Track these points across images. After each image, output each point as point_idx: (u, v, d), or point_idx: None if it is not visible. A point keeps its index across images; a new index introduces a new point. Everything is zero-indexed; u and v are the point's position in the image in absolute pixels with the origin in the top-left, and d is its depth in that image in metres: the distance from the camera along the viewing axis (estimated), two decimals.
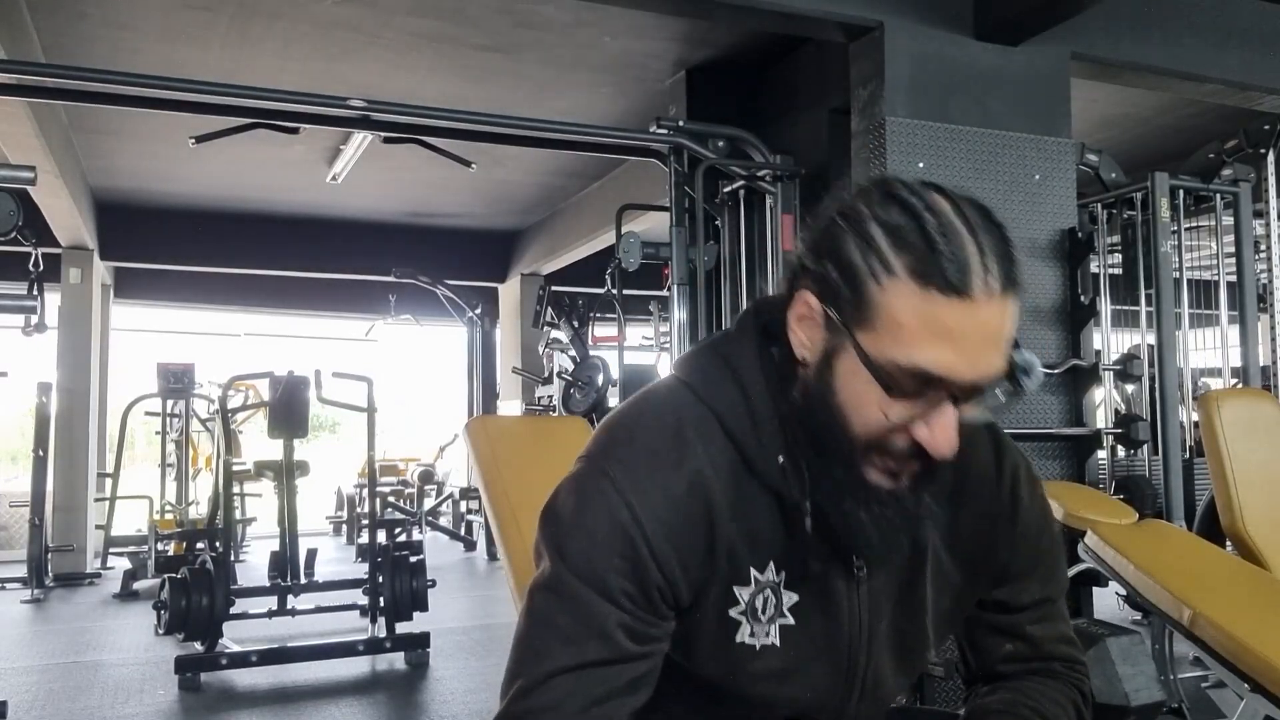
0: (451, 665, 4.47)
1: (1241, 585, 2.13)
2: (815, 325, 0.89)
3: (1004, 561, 1.04)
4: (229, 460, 5.24)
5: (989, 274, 0.83)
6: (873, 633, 0.97)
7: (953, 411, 0.86)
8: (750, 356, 0.96)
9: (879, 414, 0.86)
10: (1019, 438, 3.38)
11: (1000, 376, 0.86)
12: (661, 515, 0.90)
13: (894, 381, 0.84)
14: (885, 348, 0.84)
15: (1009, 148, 3.47)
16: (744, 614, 0.94)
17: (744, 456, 0.93)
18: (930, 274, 0.82)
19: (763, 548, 0.93)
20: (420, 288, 8.27)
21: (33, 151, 5.06)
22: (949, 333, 0.82)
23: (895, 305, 0.83)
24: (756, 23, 3.81)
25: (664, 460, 0.92)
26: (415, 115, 4.22)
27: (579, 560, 0.90)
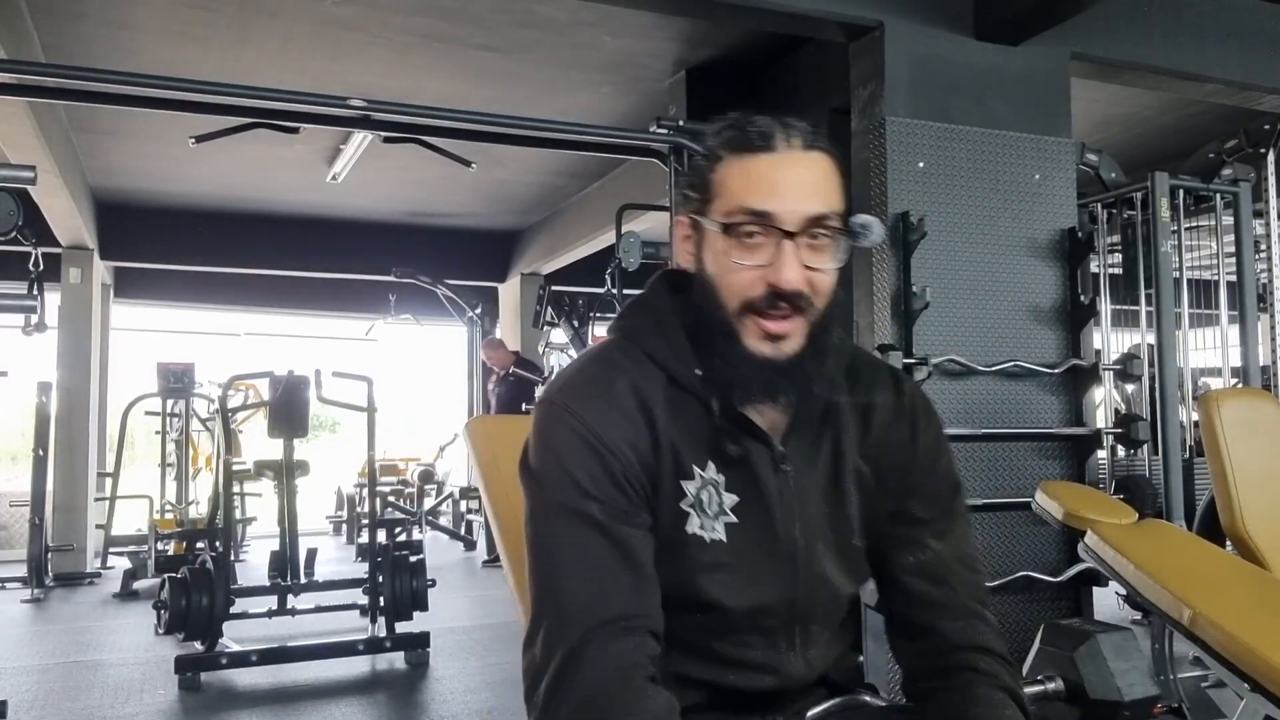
0: (451, 665, 4.47)
1: (1242, 585, 2.13)
2: (688, 234, 1.12)
3: (908, 476, 1.18)
4: (229, 460, 5.24)
5: (790, 136, 1.06)
6: (805, 520, 1.11)
7: (791, 248, 1.04)
8: (661, 301, 1.15)
9: (736, 270, 1.05)
10: (1019, 437, 3.38)
11: (828, 221, 1.05)
12: (608, 418, 1.06)
13: (732, 227, 1.04)
14: (722, 206, 1.06)
15: (1009, 147, 3.47)
16: (692, 506, 1.08)
17: (669, 374, 1.10)
18: (742, 143, 1.06)
19: (700, 447, 1.09)
20: (420, 287, 8.27)
21: (33, 151, 5.06)
22: (763, 177, 1.05)
23: (723, 175, 1.07)
24: (756, 22, 3.81)
25: (600, 381, 1.09)
26: (415, 115, 4.21)
27: (554, 478, 1.05)
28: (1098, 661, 1.23)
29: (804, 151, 1.07)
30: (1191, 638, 1.84)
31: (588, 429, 1.05)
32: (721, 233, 1.06)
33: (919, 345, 3.22)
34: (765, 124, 1.07)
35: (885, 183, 3.29)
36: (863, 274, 3.39)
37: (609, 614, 1.00)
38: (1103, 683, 1.22)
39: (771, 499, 1.10)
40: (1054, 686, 1.25)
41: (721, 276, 1.07)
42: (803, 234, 1.05)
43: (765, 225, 1.04)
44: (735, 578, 1.08)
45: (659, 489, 1.07)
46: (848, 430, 1.15)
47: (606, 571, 1.01)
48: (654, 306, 1.16)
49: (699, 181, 1.10)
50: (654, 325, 1.13)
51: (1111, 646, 1.23)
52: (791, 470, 1.11)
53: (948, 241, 3.33)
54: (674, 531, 1.07)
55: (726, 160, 1.07)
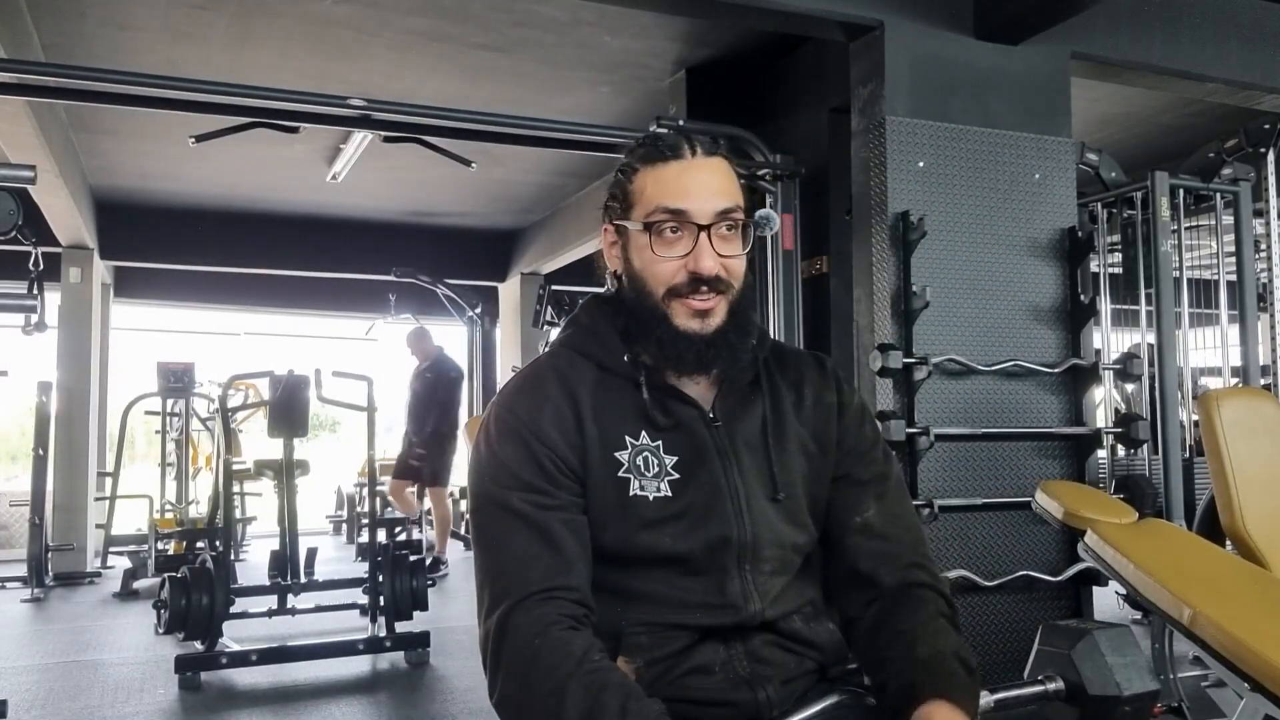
0: (451, 664, 4.48)
1: (1241, 584, 2.13)
2: (615, 240, 1.27)
3: (844, 440, 1.32)
4: (229, 459, 5.24)
5: (694, 145, 1.23)
6: (740, 466, 1.23)
7: (705, 239, 1.19)
8: (590, 312, 1.31)
9: (660, 261, 1.20)
10: (1019, 437, 3.38)
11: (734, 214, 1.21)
12: (536, 410, 1.20)
13: (652, 225, 1.20)
14: (643, 209, 1.22)
15: (1009, 147, 3.47)
16: (629, 472, 1.20)
17: (598, 363, 1.25)
18: (654, 155, 1.23)
19: (632, 420, 1.22)
20: (420, 287, 8.27)
21: (33, 151, 5.06)
22: (674, 181, 1.21)
23: (639, 184, 1.23)
24: (756, 22, 3.81)
25: (531, 383, 1.25)
26: (415, 114, 4.22)
27: (488, 469, 1.20)
28: (1096, 658, 1.23)
29: (707, 158, 1.23)
30: (1191, 637, 1.85)
31: (518, 420, 1.20)
32: (643, 232, 1.21)
33: (919, 345, 3.22)
34: (672, 137, 1.24)
35: (885, 182, 3.29)
36: (863, 274, 3.40)
37: (530, 588, 1.13)
38: (1102, 679, 1.22)
39: (707, 450, 1.23)
40: (1054, 686, 1.25)
41: (647, 269, 1.22)
42: (714, 226, 1.20)
43: (681, 221, 1.20)
44: (684, 524, 1.19)
45: (589, 465, 1.20)
46: (780, 399, 1.29)
47: (529, 553, 1.15)
48: (584, 318, 1.32)
49: (619, 192, 1.25)
50: (585, 330, 1.29)
51: (1109, 643, 1.24)
52: (722, 426, 1.25)
53: (948, 241, 3.33)
54: (619, 496, 1.19)
55: (641, 171, 1.23)
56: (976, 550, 3.28)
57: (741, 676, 1.18)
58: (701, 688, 1.17)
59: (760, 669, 1.19)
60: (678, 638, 1.19)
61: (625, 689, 1.07)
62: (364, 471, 7.09)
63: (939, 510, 3.13)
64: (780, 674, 1.20)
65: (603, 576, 1.19)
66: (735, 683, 1.18)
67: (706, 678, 1.18)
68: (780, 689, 1.19)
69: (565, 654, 1.09)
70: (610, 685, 1.06)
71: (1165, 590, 1.93)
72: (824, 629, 1.26)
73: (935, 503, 3.13)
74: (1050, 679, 1.25)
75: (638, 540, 1.19)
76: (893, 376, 3.18)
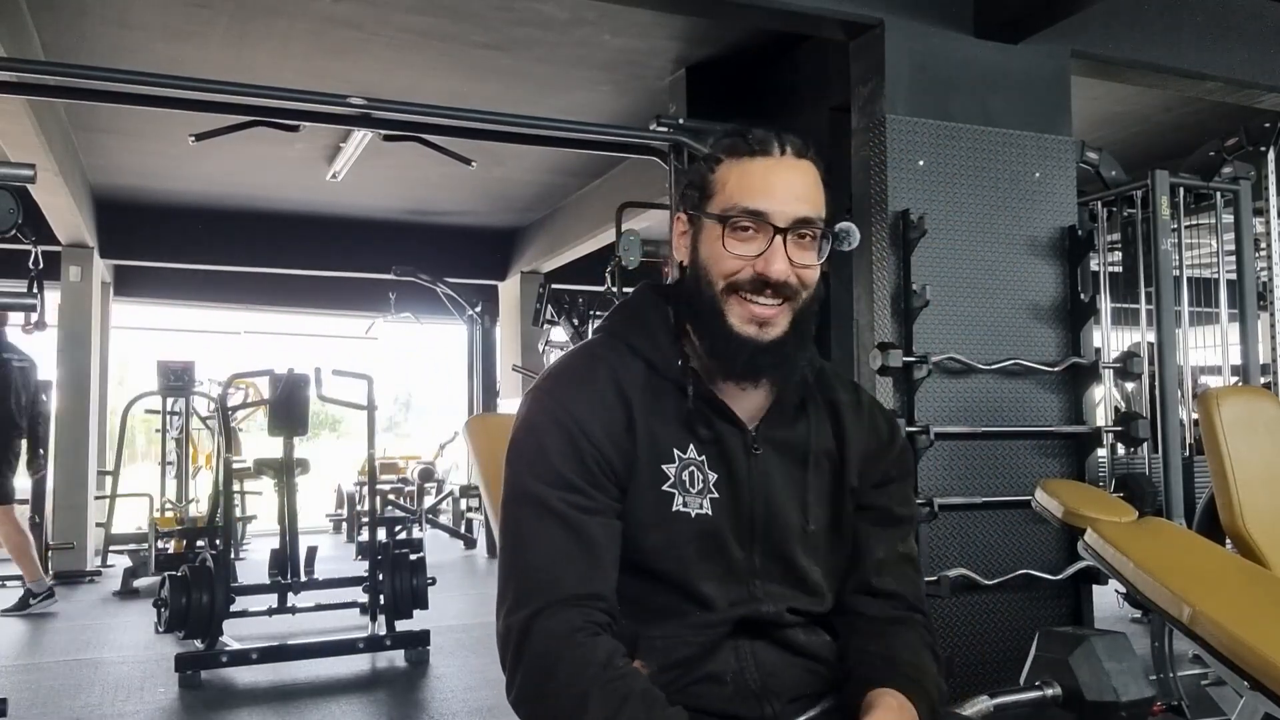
0: (451, 663, 4.48)
1: (1241, 583, 2.13)
2: (685, 230, 1.23)
3: (877, 465, 1.29)
4: (229, 458, 5.24)
5: (784, 144, 1.19)
6: (768, 501, 1.21)
7: (779, 243, 1.15)
8: (645, 303, 1.27)
9: (729, 256, 1.16)
10: (1019, 435, 3.38)
11: (814, 224, 1.17)
12: (586, 404, 1.16)
13: (729, 219, 1.16)
14: (721, 203, 1.18)
15: (1009, 146, 3.47)
16: (674, 486, 1.17)
17: (651, 365, 1.21)
18: (741, 149, 1.19)
19: (680, 431, 1.19)
20: (420, 286, 8.26)
21: (32, 149, 5.06)
22: (759, 179, 1.17)
23: (722, 176, 1.19)
24: (757, 20, 3.80)
25: (582, 374, 1.20)
26: (415, 113, 4.22)
27: (529, 460, 1.16)
28: (1093, 664, 1.24)
29: (796, 159, 1.19)
30: (1191, 635, 1.84)
31: (566, 413, 1.16)
32: (718, 224, 1.17)
33: (919, 343, 3.22)
34: (763, 133, 1.19)
35: (885, 181, 3.29)
36: (863, 272, 3.39)
37: (560, 593, 1.11)
38: (1099, 685, 1.23)
39: (740, 478, 1.20)
40: (1052, 692, 1.26)
41: (714, 261, 1.18)
42: (791, 232, 1.16)
43: (758, 222, 1.16)
44: (715, 544, 1.19)
45: (637, 474, 1.17)
46: (823, 427, 1.27)
47: (563, 556, 1.13)
48: (638, 307, 1.28)
49: (698, 180, 1.21)
50: (638, 323, 1.25)
51: (1106, 649, 1.25)
52: (761, 453, 1.22)
53: (948, 240, 3.33)
54: (660, 509, 1.17)
55: (725, 163, 1.19)
56: (976, 549, 3.28)
57: (751, 690, 1.18)
58: (711, 696, 1.17)
59: (770, 681, 1.19)
60: (693, 643, 1.18)
61: (649, 698, 1.06)
62: (364, 470, 7.09)
63: (939, 509, 3.13)
64: (789, 690, 1.20)
65: (624, 587, 1.18)
66: (744, 695, 1.18)
67: (718, 687, 1.18)
68: (787, 706, 1.20)
69: (588, 661, 1.08)
70: (634, 694, 1.06)
71: (1165, 589, 1.92)
72: (822, 640, 1.27)
73: (935, 501, 3.13)
74: (1048, 684, 1.26)
75: (673, 555, 1.18)
76: (893, 375, 3.18)
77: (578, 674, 1.06)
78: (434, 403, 16.33)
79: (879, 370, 3.14)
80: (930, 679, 1.18)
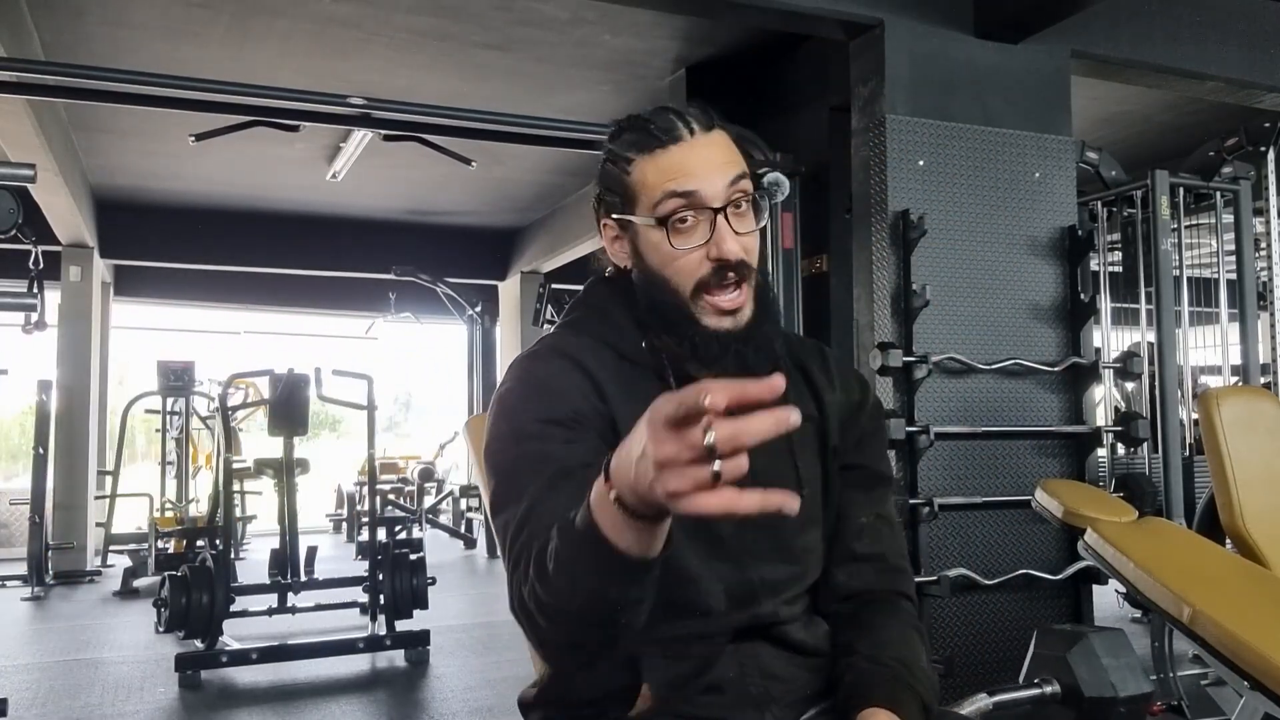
0: (451, 662, 4.48)
1: (1241, 583, 2.13)
2: (618, 235, 1.18)
3: (861, 435, 1.27)
4: (229, 458, 5.24)
5: (690, 124, 1.13)
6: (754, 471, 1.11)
7: (725, 224, 1.11)
8: (600, 295, 1.23)
9: (680, 256, 1.11)
10: (1019, 435, 3.38)
11: (744, 188, 1.12)
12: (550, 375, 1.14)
13: (665, 216, 1.10)
14: (650, 203, 1.12)
15: (1009, 145, 3.47)
16: None
17: (618, 352, 1.17)
18: (648, 143, 1.12)
19: None
20: (420, 285, 8.27)
21: (32, 149, 5.06)
22: (680, 167, 1.11)
23: (640, 176, 1.13)
24: (757, 20, 3.80)
25: (544, 358, 1.17)
26: (415, 113, 4.23)
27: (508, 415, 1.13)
28: (1091, 661, 1.24)
29: (706, 133, 1.14)
30: (1191, 635, 1.85)
31: (539, 379, 1.14)
32: (656, 227, 1.12)
33: (919, 343, 3.22)
34: (663, 119, 1.14)
35: (885, 181, 3.29)
36: (863, 272, 3.39)
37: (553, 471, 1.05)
38: (1097, 682, 1.23)
39: None
40: (1050, 689, 1.26)
41: (667, 265, 1.13)
42: (728, 205, 1.11)
43: (693, 204, 1.11)
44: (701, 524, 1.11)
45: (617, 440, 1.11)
46: (800, 394, 1.23)
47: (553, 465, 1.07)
48: (596, 301, 1.24)
49: (616, 186, 1.16)
50: (596, 313, 1.22)
51: (1104, 646, 1.25)
52: None
53: (948, 239, 3.33)
54: None
55: (638, 161, 1.13)
56: (976, 549, 3.28)
57: (752, 696, 1.16)
58: (711, 704, 1.15)
59: (771, 686, 1.17)
60: (694, 657, 1.15)
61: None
62: (364, 470, 7.10)
63: (939, 509, 3.13)
64: (789, 694, 1.18)
65: None
66: (744, 703, 1.16)
67: (718, 696, 1.15)
68: (786, 711, 1.18)
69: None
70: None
71: (1165, 589, 1.92)
72: (820, 632, 1.25)
73: (935, 501, 3.13)
74: (1047, 682, 1.26)
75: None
76: (893, 375, 3.18)
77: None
78: (434, 403, 16.32)
79: (879, 370, 3.14)
80: (919, 672, 1.16)
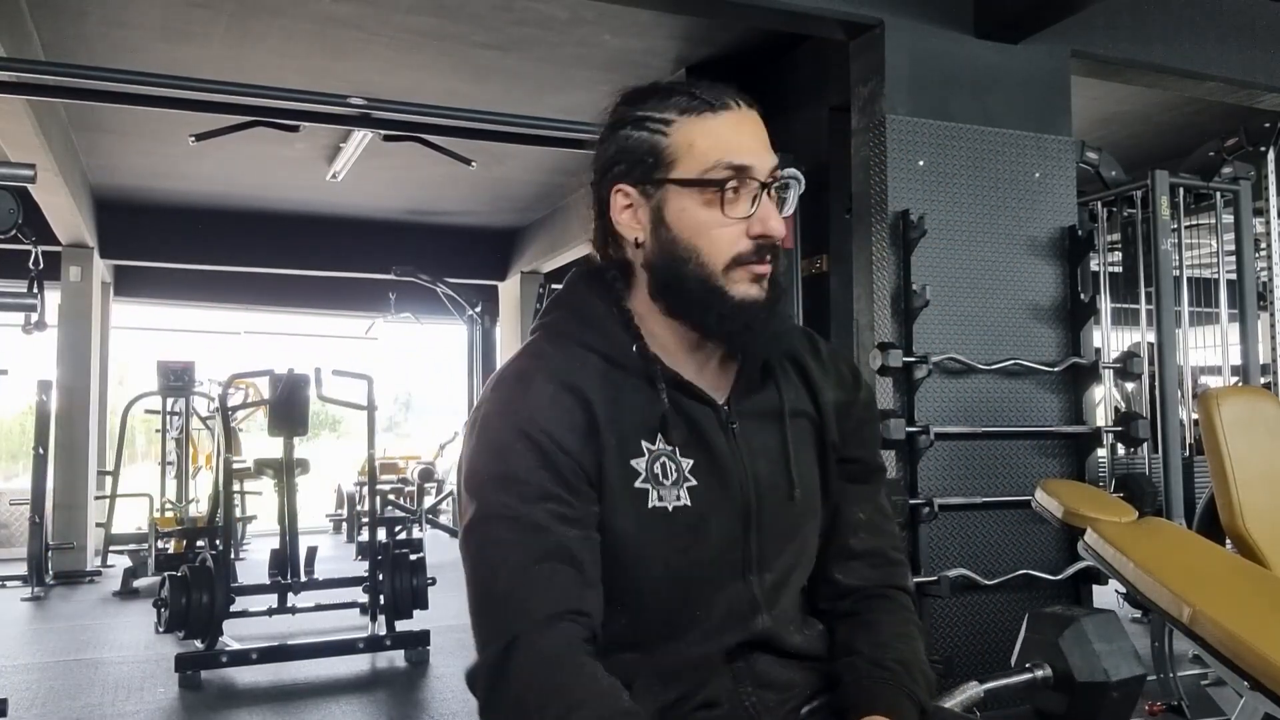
0: (451, 663, 4.48)
1: (1241, 583, 2.13)
2: (636, 202, 1.10)
3: (856, 427, 1.23)
4: (229, 458, 5.24)
5: (736, 96, 1.09)
6: (756, 475, 1.12)
7: (769, 200, 1.07)
8: (581, 293, 1.15)
9: (720, 226, 1.06)
10: (1019, 435, 3.38)
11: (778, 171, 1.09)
12: (542, 410, 1.04)
13: (716, 182, 1.05)
14: (695, 166, 1.05)
15: (1009, 145, 3.47)
16: (647, 481, 1.07)
17: (605, 358, 1.09)
18: (697, 106, 1.07)
19: (648, 423, 1.08)
20: (420, 286, 8.26)
21: (32, 149, 5.06)
22: (730, 134, 1.07)
23: (684, 137, 1.06)
24: (757, 20, 3.81)
25: (529, 379, 1.07)
26: (415, 113, 4.23)
27: (493, 478, 1.03)
28: (1083, 645, 1.24)
29: (749, 109, 1.11)
30: (1191, 635, 1.84)
31: (524, 419, 1.04)
32: (700, 191, 1.06)
33: (919, 343, 3.22)
34: (708, 86, 1.09)
35: (885, 181, 3.29)
36: (863, 272, 3.40)
37: (550, 609, 0.98)
38: (1089, 666, 1.23)
39: (724, 462, 1.10)
40: (1042, 674, 1.25)
41: (701, 234, 1.07)
42: (774, 185, 1.08)
43: (744, 179, 1.06)
44: (699, 535, 1.09)
45: (605, 475, 1.05)
46: (794, 385, 1.19)
47: (545, 572, 1.00)
48: (575, 300, 1.16)
49: (645, 148, 1.09)
50: (579, 317, 1.13)
51: (1095, 629, 1.24)
52: (738, 427, 1.13)
53: (948, 240, 3.33)
54: (634, 508, 1.06)
55: (680, 122, 1.08)
56: (976, 549, 3.28)
57: (745, 708, 1.12)
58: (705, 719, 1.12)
59: (765, 696, 1.13)
60: (689, 679, 1.10)
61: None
62: (364, 470, 7.09)
63: (939, 509, 3.13)
64: (783, 702, 1.16)
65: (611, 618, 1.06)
66: (737, 715, 1.12)
67: (711, 711, 1.11)
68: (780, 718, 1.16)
69: (596, 688, 0.96)
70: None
71: (1165, 589, 1.92)
72: (815, 633, 1.23)
73: (935, 501, 3.13)
74: (1038, 666, 1.25)
75: (658, 556, 1.07)
76: (893, 375, 3.18)
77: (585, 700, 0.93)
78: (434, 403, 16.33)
79: (879, 370, 3.14)
80: (918, 673, 1.14)
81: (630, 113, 1.11)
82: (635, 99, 1.13)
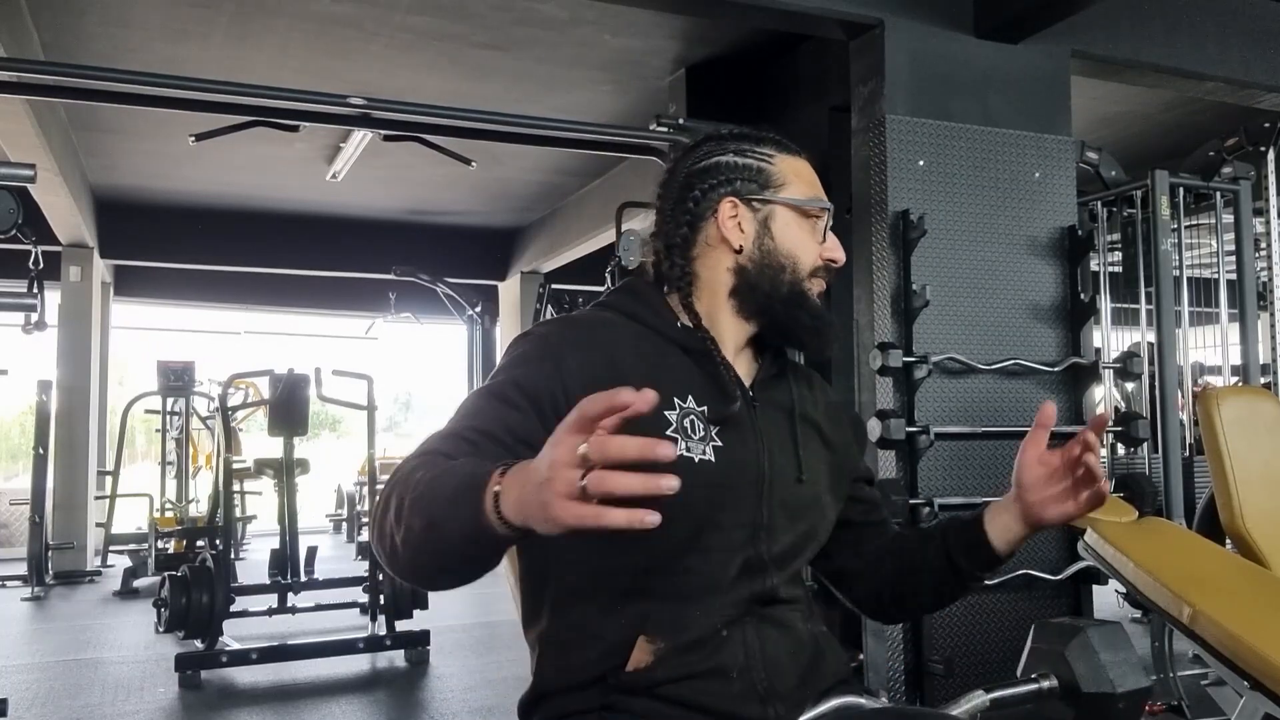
0: (451, 663, 4.48)
1: (1241, 583, 2.13)
2: (743, 214, 1.28)
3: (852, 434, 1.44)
4: (229, 458, 5.24)
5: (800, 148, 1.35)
6: (770, 450, 1.26)
7: (832, 233, 1.31)
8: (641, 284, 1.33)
9: (813, 243, 1.30)
10: (1019, 435, 3.37)
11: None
12: (574, 342, 1.19)
13: (814, 210, 1.30)
14: (800, 192, 1.30)
15: (1009, 146, 3.47)
16: (677, 432, 1.18)
17: (645, 324, 1.26)
18: (787, 148, 1.33)
19: (679, 383, 1.21)
20: (420, 286, 8.27)
21: (32, 149, 5.06)
22: (813, 177, 1.33)
23: (786, 168, 1.31)
24: (757, 20, 3.80)
25: (570, 323, 1.26)
26: (415, 113, 4.22)
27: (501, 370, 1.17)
28: (1089, 655, 1.24)
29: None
30: (1191, 635, 1.85)
31: (553, 334, 1.20)
32: (802, 214, 1.29)
33: (919, 343, 3.22)
34: (783, 136, 1.34)
35: (885, 181, 3.29)
36: (863, 272, 3.39)
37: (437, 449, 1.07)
38: (1095, 677, 1.23)
39: (745, 429, 1.24)
40: (1048, 685, 1.26)
41: (799, 245, 1.29)
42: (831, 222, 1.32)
43: (825, 213, 1.31)
44: (720, 492, 1.20)
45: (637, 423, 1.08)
46: (801, 390, 1.36)
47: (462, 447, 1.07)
48: (632, 288, 1.33)
49: (753, 169, 1.30)
50: (633, 296, 1.30)
51: (1102, 640, 1.24)
52: (760, 407, 1.28)
53: (948, 240, 3.33)
54: None
55: (780, 158, 1.31)
56: None
57: (757, 689, 1.17)
58: (718, 694, 1.16)
59: (775, 680, 1.18)
60: (703, 624, 1.17)
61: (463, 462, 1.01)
62: (364, 470, 7.10)
63: (939, 509, 3.13)
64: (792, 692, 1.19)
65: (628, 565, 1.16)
66: (750, 696, 1.17)
67: (724, 683, 1.16)
68: (792, 710, 1.19)
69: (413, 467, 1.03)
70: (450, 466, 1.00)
71: (1165, 589, 1.93)
72: (818, 625, 1.28)
73: (935, 501, 3.13)
74: (1044, 677, 1.26)
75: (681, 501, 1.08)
76: (892, 375, 3.18)
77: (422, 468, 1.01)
78: (434, 403, 16.33)
79: (879, 370, 3.14)
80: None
81: (740, 145, 1.31)
82: (724, 138, 1.32)
